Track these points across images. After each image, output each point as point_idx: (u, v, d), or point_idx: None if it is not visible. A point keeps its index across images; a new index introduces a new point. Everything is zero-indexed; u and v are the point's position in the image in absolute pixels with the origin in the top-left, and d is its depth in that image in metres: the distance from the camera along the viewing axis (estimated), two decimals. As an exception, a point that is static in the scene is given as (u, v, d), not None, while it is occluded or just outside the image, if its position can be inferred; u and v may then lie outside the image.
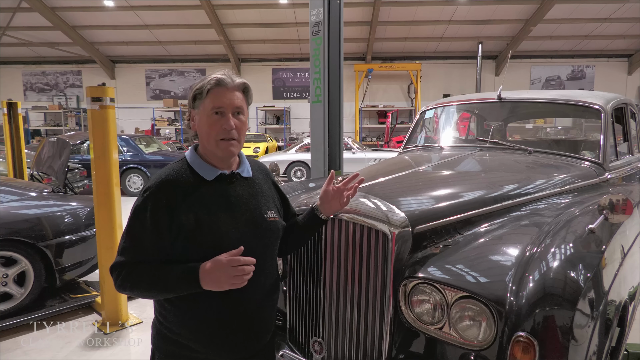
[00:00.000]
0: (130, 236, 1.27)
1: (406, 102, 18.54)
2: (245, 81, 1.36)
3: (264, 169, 1.54)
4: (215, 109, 1.29)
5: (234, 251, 1.20)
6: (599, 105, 2.82)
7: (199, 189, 1.30)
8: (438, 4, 14.80)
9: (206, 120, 1.30)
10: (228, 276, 1.18)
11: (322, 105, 4.39)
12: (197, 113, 1.33)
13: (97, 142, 3.12)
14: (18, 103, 5.87)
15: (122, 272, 1.25)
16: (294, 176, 11.11)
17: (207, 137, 1.31)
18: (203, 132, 1.32)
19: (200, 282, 1.20)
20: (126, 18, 15.65)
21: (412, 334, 1.55)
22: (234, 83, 1.32)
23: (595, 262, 1.55)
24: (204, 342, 1.30)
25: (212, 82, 1.30)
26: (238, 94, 1.33)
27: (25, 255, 3.31)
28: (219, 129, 1.29)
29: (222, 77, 1.31)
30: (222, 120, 1.29)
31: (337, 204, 1.49)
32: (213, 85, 1.29)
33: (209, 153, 1.34)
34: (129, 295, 1.31)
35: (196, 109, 1.33)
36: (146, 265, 1.25)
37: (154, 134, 16.94)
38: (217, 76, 1.31)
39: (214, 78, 1.31)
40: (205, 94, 1.30)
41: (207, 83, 1.30)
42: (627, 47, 17.40)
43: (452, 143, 3.36)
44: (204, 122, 1.30)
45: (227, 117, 1.30)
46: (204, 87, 1.30)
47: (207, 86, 1.29)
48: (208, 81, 1.30)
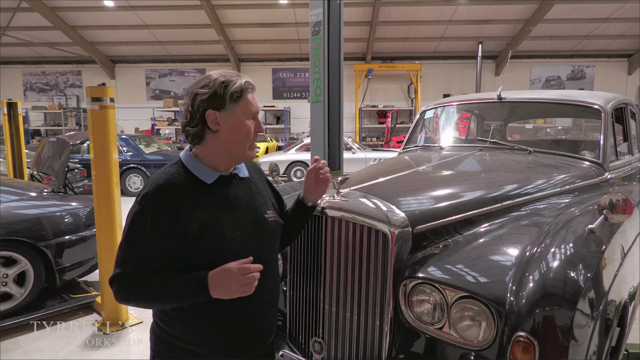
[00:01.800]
0: (130, 245, 1.22)
1: (406, 102, 18.53)
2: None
3: (257, 167, 1.53)
4: (254, 114, 1.29)
5: (244, 260, 1.19)
6: (599, 105, 2.82)
7: (199, 192, 1.26)
8: (438, 4, 14.80)
9: (243, 124, 1.27)
10: (238, 284, 1.17)
11: (322, 105, 4.40)
12: (228, 115, 1.25)
13: (97, 142, 3.12)
14: (18, 103, 5.87)
15: (123, 284, 1.21)
16: (294, 176, 11.10)
17: (242, 142, 1.28)
18: (239, 137, 1.27)
19: (210, 291, 1.17)
20: (126, 18, 15.65)
21: (412, 334, 1.55)
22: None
23: (595, 262, 1.55)
24: (208, 345, 1.29)
25: (249, 85, 1.28)
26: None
27: (25, 255, 3.31)
28: (255, 134, 1.30)
29: (249, 79, 1.29)
30: (257, 124, 1.31)
31: (322, 186, 1.55)
32: (251, 88, 1.28)
33: (220, 157, 1.29)
34: (128, 305, 1.29)
35: (225, 111, 1.24)
36: (149, 276, 1.21)
37: (154, 134, 16.92)
38: (246, 79, 1.28)
39: (245, 81, 1.27)
40: (243, 97, 1.26)
41: (244, 84, 1.26)
42: (627, 47, 17.39)
43: (452, 143, 3.36)
44: (241, 126, 1.26)
45: (259, 121, 1.31)
46: (244, 90, 1.26)
47: (246, 87, 1.26)
48: (241, 83, 1.25)
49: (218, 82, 1.24)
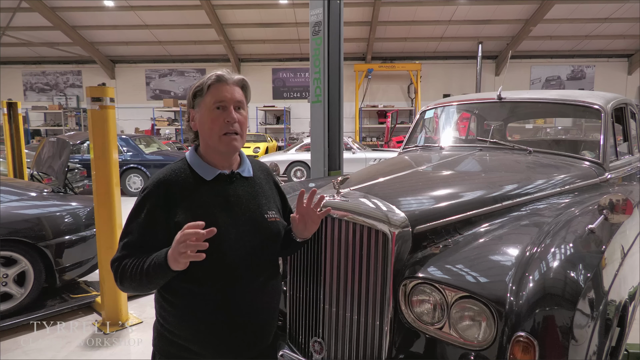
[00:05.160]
0: (128, 233, 1.27)
1: (406, 102, 18.54)
2: (244, 77, 1.37)
3: (265, 168, 1.52)
4: (217, 103, 1.29)
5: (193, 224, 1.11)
6: (599, 105, 2.82)
7: (197, 188, 1.29)
8: (438, 4, 14.80)
9: (208, 115, 1.29)
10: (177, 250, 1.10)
11: (322, 105, 4.39)
12: (197, 112, 1.33)
13: (97, 142, 3.12)
14: (18, 103, 5.86)
15: (116, 267, 1.25)
16: (294, 176, 11.11)
17: (209, 132, 1.30)
18: (205, 129, 1.31)
19: (168, 261, 1.15)
20: (126, 18, 15.65)
21: (412, 334, 1.55)
22: (233, 79, 1.33)
23: (595, 262, 1.55)
24: (203, 343, 1.29)
25: (212, 78, 1.30)
26: (238, 89, 1.34)
27: (25, 255, 3.31)
28: (222, 123, 1.28)
29: (221, 73, 1.31)
30: (225, 114, 1.29)
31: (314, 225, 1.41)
32: (213, 81, 1.30)
33: (211, 151, 1.34)
34: (124, 290, 1.30)
35: (196, 108, 1.33)
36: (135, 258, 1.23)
37: (154, 134, 16.94)
38: (216, 73, 1.32)
39: (213, 75, 1.31)
40: (205, 90, 1.30)
41: (207, 79, 1.30)
42: (627, 47, 17.40)
43: (452, 143, 3.36)
44: (206, 117, 1.30)
45: (229, 110, 1.30)
46: (204, 84, 1.30)
47: (207, 82, 1.30)
48: (208, 78, 1.31)
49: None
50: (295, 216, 1.40)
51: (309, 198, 1.39)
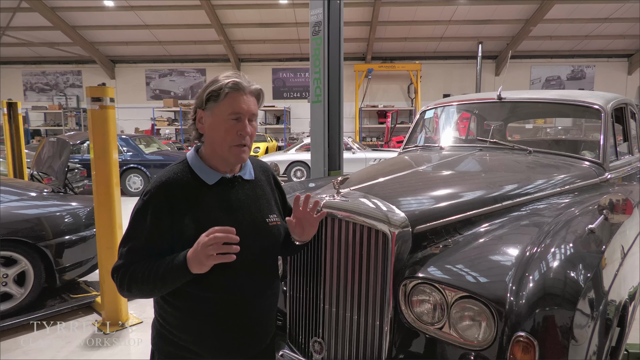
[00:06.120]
0: (131, 239, 1.25)
1: (406, 102, 18.53)
2: (260, 87, 1.33)
3: (265, 168, 1.51)
4: (234, 114, 1.25)
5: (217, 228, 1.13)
6: (599, 105, 2.82)
7: (199, 192, 1.28)
8: (438, 4, 14.80)
9: (222, 124, 1.25)
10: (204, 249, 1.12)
11: (322, 105, 4.39)
12: (208, 115, 1.28)
13: (97, 142, 3.12)
14: (18, 103, 5.86)
15: (123, 273, 1.23)
16: (294, 176, 11.10)
17: (221, 142, 1.27)
18: (217, 137, 1.27)
19: (188, 266, 1.15)
20: (126, 18, 15.64)
21: (412, 334, 1.55)
22: (250, 87, 1.28)
23: (595, 262, 1.55)
24: (203, 344, 1.29)
25: (230, 85, 1.24)
26: (253, 99, 1.30)
27: (25, 255, 3.31)
28: (235, 135, 1.26)
29: (239, 80, 1.26)
30: (239, 126, 1.26)
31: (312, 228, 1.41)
32: (231, 89, 1.25)
33: (216, 157, 1.31)
34: (130, 297, 1.28)
35: (208, 111, 1.28)
36: (143, 262, 1.22)
37: (154, 134, 16.93)
38: (234, 79, 1.26)
39: (231, 81, 1.25)
40: (222, 97, 1.25)
41: (225, 86, 1.24)
42: (627, 47, 17.39)
43: (452, 143, 3.36)
44: (220, 126, 1.26)
45: (244, 124, 1.26)
46: (222, 90, 1.24)
47: (225, 90, 1.24)
48: (225, 84, 1.24)
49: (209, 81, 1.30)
50: (292, 220, 1.40)
51: (304, 203, 1.39)
